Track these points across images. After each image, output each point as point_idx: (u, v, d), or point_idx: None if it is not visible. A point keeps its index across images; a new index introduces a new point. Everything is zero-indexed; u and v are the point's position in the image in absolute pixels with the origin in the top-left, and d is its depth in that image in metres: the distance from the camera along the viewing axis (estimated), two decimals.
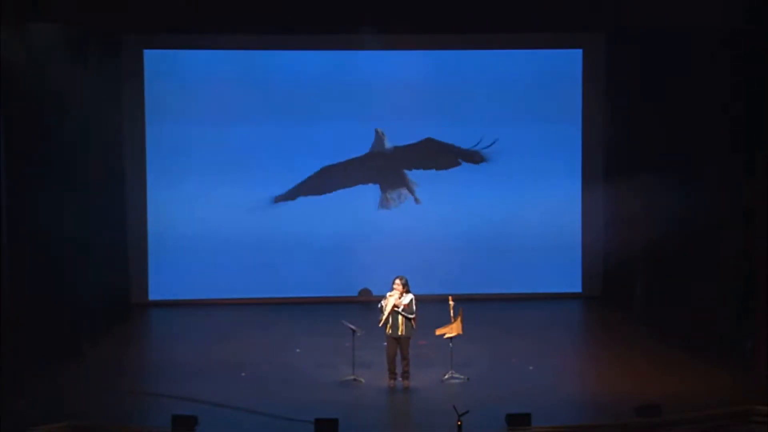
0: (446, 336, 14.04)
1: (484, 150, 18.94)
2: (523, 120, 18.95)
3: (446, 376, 14.06)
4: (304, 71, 18.74)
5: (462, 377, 14.07)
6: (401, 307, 13.73)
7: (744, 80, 14.77)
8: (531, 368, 14.72)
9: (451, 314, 14.04)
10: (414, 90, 18.54)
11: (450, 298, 14.15)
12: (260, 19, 16.36)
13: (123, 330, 17.29)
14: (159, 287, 18.89)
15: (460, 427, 11.23)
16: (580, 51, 18.98)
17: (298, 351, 15.65)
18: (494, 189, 19.03)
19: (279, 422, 12.41)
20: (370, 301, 16.26)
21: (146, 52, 18.52)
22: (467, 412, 11.28)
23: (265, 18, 16.32)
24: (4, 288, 13.36)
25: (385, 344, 13.98)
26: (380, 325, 13.85)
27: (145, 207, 18.72)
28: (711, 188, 15.65)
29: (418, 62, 18.85)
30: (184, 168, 18.67)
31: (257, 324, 17.42)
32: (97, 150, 16.60)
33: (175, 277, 18.81)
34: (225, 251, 18.73)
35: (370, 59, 18.77)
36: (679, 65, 16.30)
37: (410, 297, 13.83)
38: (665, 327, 16.27)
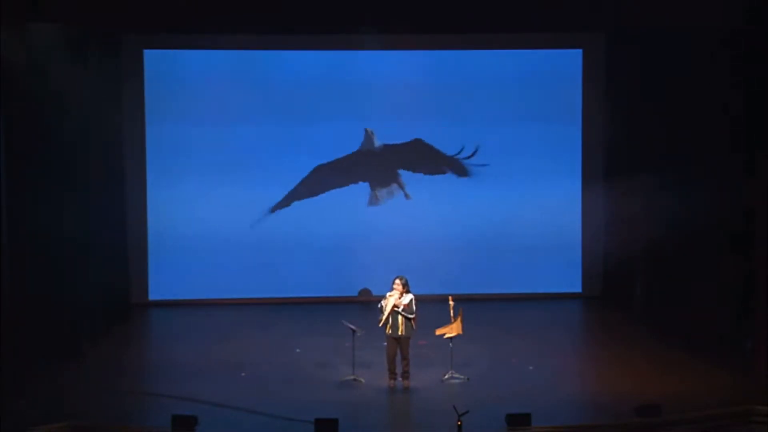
0: (446, 336, 14.03)
1: (467, 162, 18.89)
2: (523, 120, 18.93)
3: (446, 376, 14.05)
4: (304, 71, 18.73)
5: (462, 377, 14.06)
6: (401, 307, 13.73)
7: (744, 80, 14.76)
8: (531, 368, 14.71)
9: (451, 314, 14.03)
10: (414, 90, 18.53)
11: (450, 298, 14.14)
12: (260, 19, 16.37)
13: (123, 330, 17.28)
14: (159, 287, 18.87)
15: (460, 427, 11.22)
16: (580, 51, 18.96)
17: (298, 351, 15.65)
18: (494, 189, 19.00)
19: (279, 422, 12.40)
20: (370, 301, 16.24)
21: (146, 52, 18.51)
22: (467, 412, 11.28)
23: (265, 18, 16.33)
24: (4, 288, 13.36)
25: (385, 344, 13.97)
26: (380, 325, 13.84)
27: (145, 207, 18.71)
28: (711, 188, 15.62)
29: (418, 62, 18.84)
30: (184, 168, 18.66)
31: (257, 324, 17.41)
32: (97, 150, 16.60)
33: (175, 277, 18.80)
34: (225, 251, 18.72)
35: (370, 59, 18.75)
36: (679, 65, 16.29)
37: (410, 297, 13.82)
38: (665, 327, 16.26)
